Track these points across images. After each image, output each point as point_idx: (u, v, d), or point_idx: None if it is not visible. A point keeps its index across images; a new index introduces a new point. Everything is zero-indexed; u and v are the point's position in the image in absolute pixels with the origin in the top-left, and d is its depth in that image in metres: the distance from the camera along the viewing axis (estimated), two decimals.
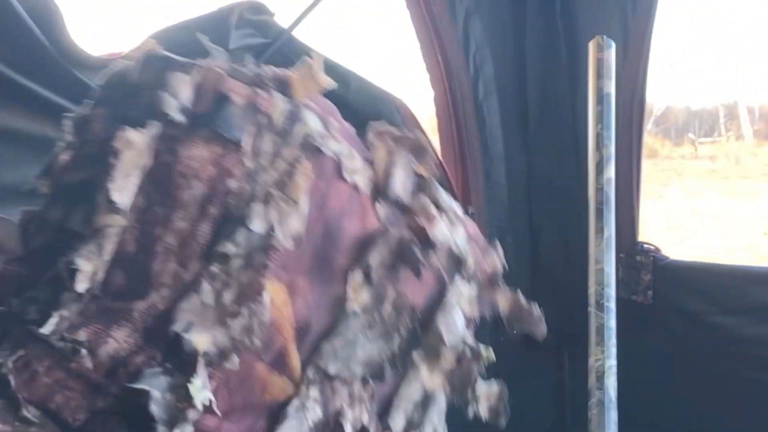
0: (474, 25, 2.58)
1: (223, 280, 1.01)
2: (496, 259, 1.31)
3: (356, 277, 1.11)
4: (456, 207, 1.25)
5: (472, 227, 1.28)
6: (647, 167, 2.82)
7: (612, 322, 1.60)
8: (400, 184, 1.19)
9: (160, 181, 1.04)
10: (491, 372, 2.75)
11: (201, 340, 1.00)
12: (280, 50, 2.19)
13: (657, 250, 2.60)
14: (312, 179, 1.08)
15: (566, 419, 2.83)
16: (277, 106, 1.11)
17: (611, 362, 1.61)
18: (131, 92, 1.08)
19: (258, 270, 1.02)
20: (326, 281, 1.10)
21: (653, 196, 7.96)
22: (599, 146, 1.62)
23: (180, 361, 1.00)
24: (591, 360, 1.61)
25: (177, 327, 1.00)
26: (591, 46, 1.84)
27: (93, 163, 1.04)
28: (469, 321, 1.28)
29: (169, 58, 1.09)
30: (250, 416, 1.06)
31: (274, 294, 1.05)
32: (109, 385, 1.00)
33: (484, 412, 1.26)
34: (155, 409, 0.98)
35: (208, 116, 1.06)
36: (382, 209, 1.16)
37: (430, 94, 2.62)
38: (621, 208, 2.44)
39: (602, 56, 1.81)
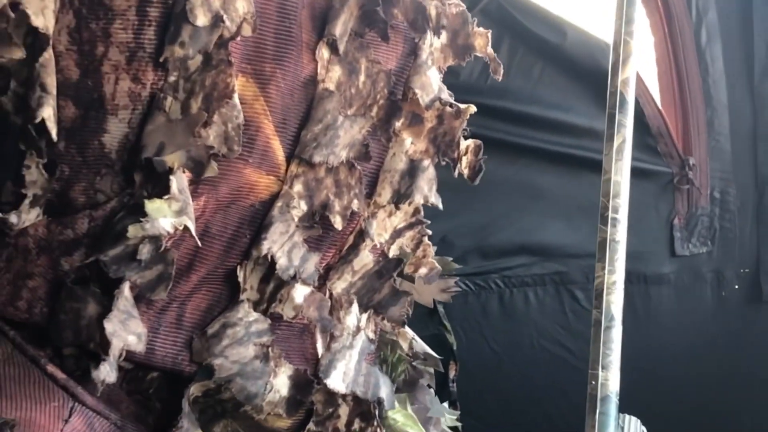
0: None
1: (186, 88, 0.92)
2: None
3: (323, 52, 1.01)
4: None
5: None
6: None
7: (619, 236, 1.40)
8: None
9: None
10: (716, 327, 2.70)
11: (173, 158, 0.93)
12: (497, 1, 2.20)
13: None
14: None
15: None
16: None
17: (615, 277, 1.40)
18: None
19: (219, 67, 0.92)
20: (294, 62, 1.01)
21: None
22: (617, 45, 1.40)
23: (157, 187, 0.94)
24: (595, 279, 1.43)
25: (147, 153, 0.94)
26: None
27: None
28: (441, 72, 1.16)
29: None
30: (242, 226, 1.03)
31: (242, 90, 0.97)
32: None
33: (464, 169, 1.16)
34: (114, 269, 0.96)
35: None
36: None
37: (649, 40, 2.55)
38: None
39: None
